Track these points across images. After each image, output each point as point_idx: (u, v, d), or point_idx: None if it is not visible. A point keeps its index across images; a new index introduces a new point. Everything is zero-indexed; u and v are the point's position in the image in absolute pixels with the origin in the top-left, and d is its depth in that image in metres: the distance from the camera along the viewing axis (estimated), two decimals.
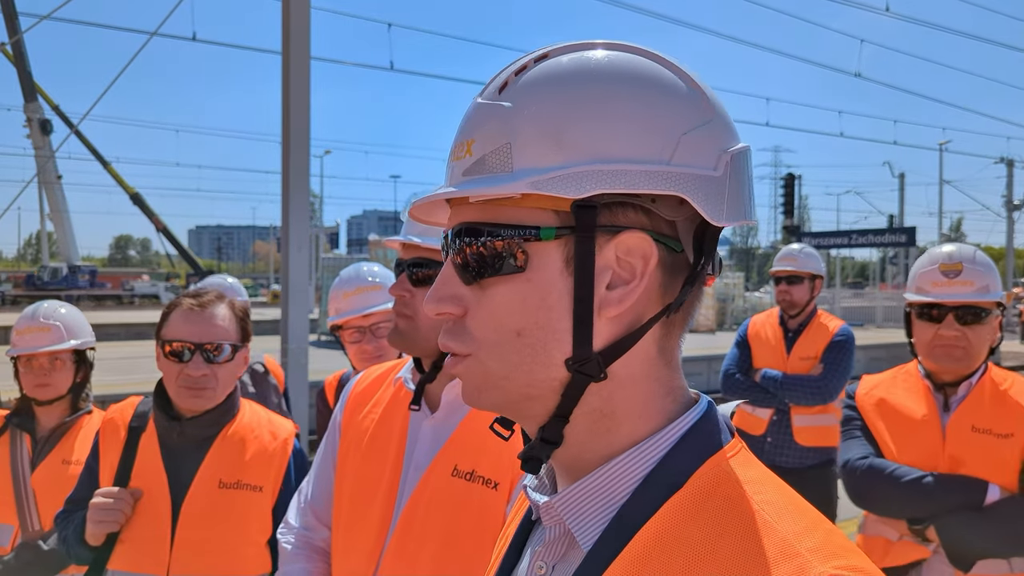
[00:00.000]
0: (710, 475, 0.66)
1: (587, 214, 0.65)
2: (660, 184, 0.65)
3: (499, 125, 0.68)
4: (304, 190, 5.76)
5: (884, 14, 21.19)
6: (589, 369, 0.67)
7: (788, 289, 4.15)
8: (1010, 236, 37.50)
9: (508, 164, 0.67)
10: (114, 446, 1.99)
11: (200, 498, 1.91)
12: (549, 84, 0.68)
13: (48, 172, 36.85)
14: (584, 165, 0.65)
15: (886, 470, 2.09)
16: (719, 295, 24.35)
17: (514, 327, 0.68)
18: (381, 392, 1.58)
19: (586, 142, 0.65)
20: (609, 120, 0.66)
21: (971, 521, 1.95)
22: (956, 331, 2.11)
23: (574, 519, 0.69)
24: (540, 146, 0.66)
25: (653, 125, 0.67)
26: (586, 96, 0.67)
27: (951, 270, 2.16)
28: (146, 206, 41.18)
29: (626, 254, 0.67)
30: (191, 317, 1.92)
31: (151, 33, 7.74)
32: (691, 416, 0.70)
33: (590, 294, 0.67)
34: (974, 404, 2.12)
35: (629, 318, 0.68)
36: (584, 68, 0.68)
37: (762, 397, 4.05)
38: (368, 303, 2.72)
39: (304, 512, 1.63)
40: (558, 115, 0.66)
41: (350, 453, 1.53)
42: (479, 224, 0.69)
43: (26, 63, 35.17)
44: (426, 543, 1.35)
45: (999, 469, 2.01)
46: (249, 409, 2.08)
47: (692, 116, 0.68)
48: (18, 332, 2.57)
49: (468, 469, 1.36)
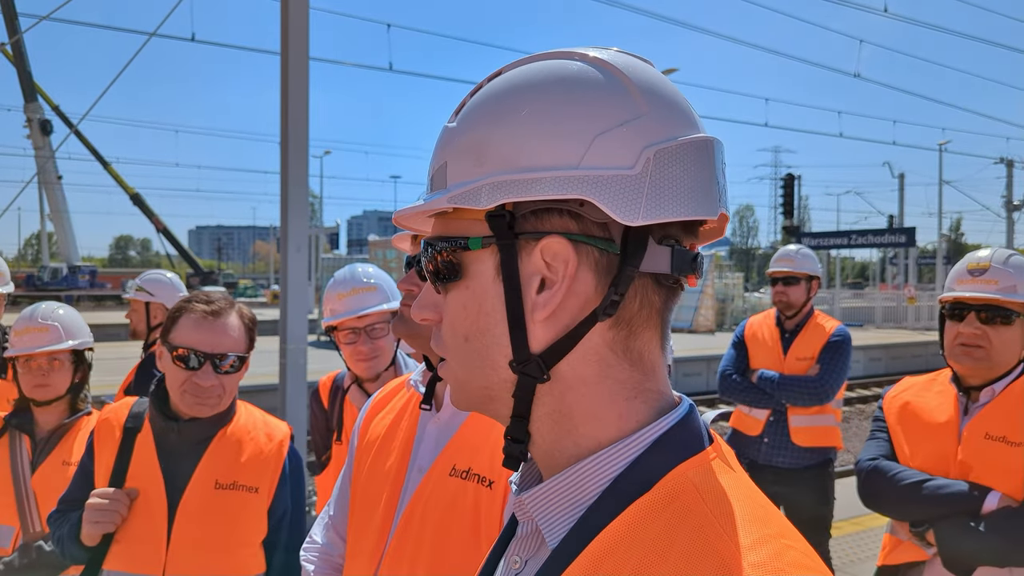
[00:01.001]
0: (674, 482, 0.66)
1: (499, 223, 0.69)
2: (564, 188, 0.66)
3: (443, 146, 0.74)
4: (303, 191, 5.76)
5: (883, 15, 21.20)
6: (531, 370, 0.70)
7: (785, 290, 4.16)
8: (1010, 237, 37.50)
9: (444, 181, 0.73)
10: (109, 446, 2.00)
11: (196, 499, 1.92)
12: (483, 102, 0.73)
13: (48, 172, 36.86)
14: (494, 176, 0.68)
15: (889, 472, 2.10)
16: (719, 295, 24.32)
17: (462, 332, 0.73)
18: (396, 399, 1.60)
19: (499, 154, 0.69)
20: (520, 131, 0.69)
21: (967, 527, 1.95)
22: (976, 329, 2.09)
23: (542, 517, 0.72)
24: (465, 162, 0.71)
25: (562, 130, 0.68)
26: (504, 109, 0.70)
27: (977, 268, 2.15)
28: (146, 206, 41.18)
29: (552, 259, 0.68)
30: (203, 325, 1.91)
31: (150, 34, 7.74)
32: (666, 422, 0.70)
33: (518, 298, 0.69)
34: (994, 411, 2.09)
35: (565, 320, 0.69)
36: (509, 82, 0.72)
37: (759, 398, 4.06)
38: (363, 304, 2.71)
39: (327, 528, 1.65)
40: (481, 131, 0.71)
41: (363, 460, 1.55)
42: (433, 237, 0.75)
43: (26, 63, 35.18)
44: (423, 543, 1.36)
45: (1006, 477, 1.98)
46: (245, 411, 2.09)
47: (611, 116, 0.68)
48: (16, 333, 2.57)
49: (465, 467, 1.37)
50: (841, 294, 31.31)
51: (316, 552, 1.64)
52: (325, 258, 20.54)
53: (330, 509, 1.66)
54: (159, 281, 4.02)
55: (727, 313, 24.60)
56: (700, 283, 22.27)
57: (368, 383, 2.81)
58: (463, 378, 0.74)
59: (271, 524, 2.00)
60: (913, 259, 37.26)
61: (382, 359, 2.76)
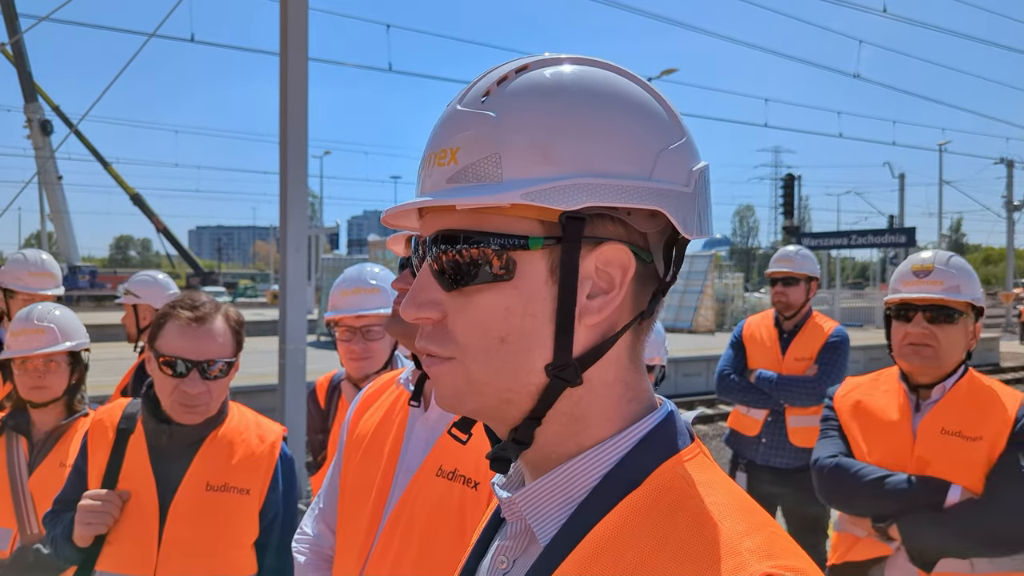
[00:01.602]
0: (665, 476, 0.69)
1: (575, 225, 0.67)
2: (643, 199, 0.68)
3: (486, 134, 0.69)
4: (303, 191, 5.75)
5: (883, 15, 21.19)
6: (567, 375, 0.70)
7: (784, 291, 4.16)
8: (1010, 237, 37.51)
9: (497, 174, 0.68)
10: (102, 448, 2.00)
11: (188, 500, 1.92)
12: (535, 97, 0.69)
13: (48, 172, 36.86)
14: (573, 178, 0.67)
15: (851, 469, 2.14)
16: (719, 296, 24.30)
17: (498, 333, 0.69)
18: (385, 396, 1.60)
19: (574, 156, 0.67)
20: (596, 135, 0.68)
21: (931, 521, 2.00)
22: (924, 329, 2.16)
23: (533, 515, 0.72)
24: (529, 157, 0.68)
25: (635, 142, 0.69)
26: (573, 111, 0.69)
27: (922, 270, 2.21)
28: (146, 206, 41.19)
29: (605, 265, 0.69)
30: (188, 332, 1.89)
31: (150, 34, 7.74)
32: (652, 419, 0.73)
33: (573, 303, 0.69)
34: (946, 407, 2.15)
35: (605, 326, 0.71)
36: (569, 83, 0.70)
37: (757, 398, 4.05)
38: (363, 305, 2.73)
39: (317, 520, 1.66)
40: (546, 128, 0.68)
41: (352, 456, 1.56)
42: (464, 231, 0.69)
43: (26, 63, 35.19)
44: (409, 543, 1.37)
45: (965, 471, 2.04)
46: (237, 412, 2.09)
47: (667, 135, 0.72)
48: (12, 334, 2.57)
49: (451, 468, 1.38)
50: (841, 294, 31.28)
51: (307, 544, 1.65)
52: (325, 258, 20.51)
53: (320, 501, 1.66)
54: (145, 283, 4.01)
55: (727, 313, 24.57)
56: (700, 283, 22.32)
57: (360, 383, 2.82)
58: (482, 379, 0.71)
59: (262, 525, 2.00)
60: None
61: (374, 361, 2.77)
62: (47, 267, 3.72)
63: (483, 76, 0.74)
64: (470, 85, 0.74)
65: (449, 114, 0.73)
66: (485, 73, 0.74)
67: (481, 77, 0.74)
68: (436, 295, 0.72)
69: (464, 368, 0.71)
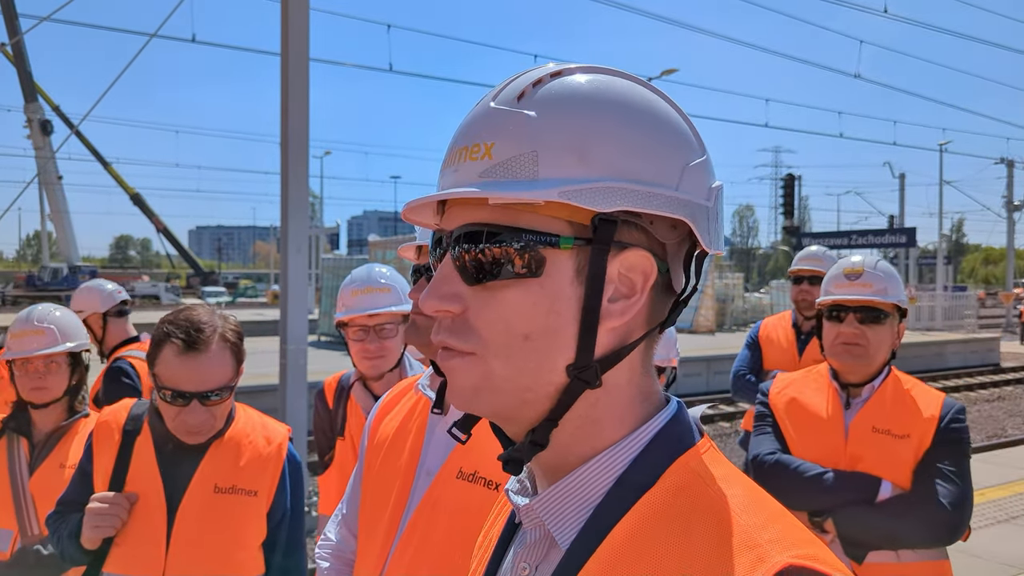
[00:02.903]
0: (679, 474, 0.70)
1: (607, 228, 0.69)
2: (672, 208, 0.70)
3: (524, 132, 0.70)
4: (303, 191, 5.76)
5: (883, 15, 21.19)
6: (588, 376, 0.70)
7: (810, 289, 4.05)
8: (1010, 237, 37.50)
9: (534, 171, 0.68)
10: (108, 449, 1.99)
11: (196, 503, 1.91)
12: (573, 101, 0.71)
13: (48, 173, 36.91)
14: (607, 181, 0.68)
15: (791, 465, 2.22)
16: (719, 296, 24.31)
17: (522, 330, 0.70)
18: (403, 402, 1.61)
19: (609, 160, 0.69)
20: (630, 143, 0.70)
21: (864, 515, 2.10)
22: (856, 329, 2.26)
23: (552, 520, 0.73)
24: (566, 158, 0.68)
25: (666, 153, 0.71)
26: (609, 118, 0.70)
27: (853, 273, 2.34)
28: (146, 206, 41.25)
29: (628, 270, 0.70)
30: (186, 362, 1.83)
31: (151, 34, 7.75)
32: (661, 418, 0.74)
33: (598, 304, 0.69)
34: (875, 406, 2.26)
35: (623, 331, 0.72)
36: (605, 91, 0.72)
37: None
38: (375, 303, 2.73)
39: (340, 526, 1.67)
40: (584, 131, 0.69)
41: (372, 461, 1.56)
42: (494, 226, 0.70)
43: (26, 64, 35.26)
44: (429, 546, 1.36)
45: (895, 468, 2.15)
46: (243, 414, 2.08)
47: (691, 151, 0.74)
48: (13, 335, 2.56)
49: (471, 471, 1.38)
50: None
51: (329, 549, 1.67)
52: (325, 258, 20.51)
53: (343, 507, 1.68)
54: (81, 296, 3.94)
55: (727, 313, 24.58)
56: (700, 284, 22.25)
57: (372, 382, 2.83)
58: (504, 376, 0.70)
59: (270, 526, 1.99)
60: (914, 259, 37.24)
61: (388, 359, 2.77)
62: None
63: (516, 78, 0.75)
64: (503, 85, 0.75)
65: (482, 111, 0.73)
66: (517, 75, 0.75)
67: (514, 79, 0.75)
68: (459, 288, 0.72)
69: (484, 364, 0.71)
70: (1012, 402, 14.43)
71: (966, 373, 17.82)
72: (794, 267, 4.22)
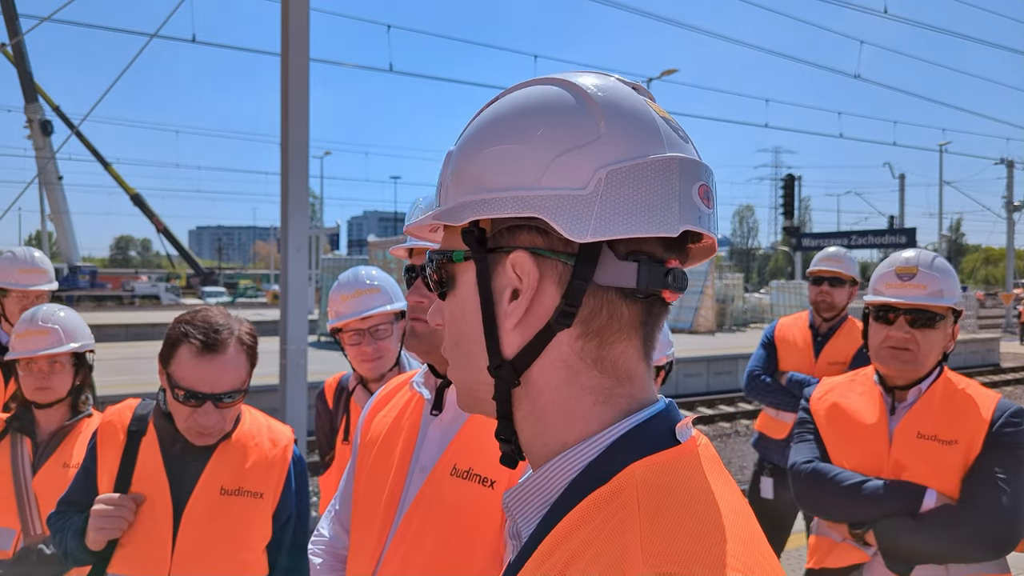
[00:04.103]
0: (622, 479, 0.70)
1: (470, 238, 0.76)
2: (519, 207, 0.72)
3: (444, 169, 0.82)
4: (303, 192, 5.76)
5: (883, 16, 21.20)
6: (505, 375, 0.76)
7: (830, 291, 4.03)
8: (1010, 237, 37.49)
9: (443, 200, 0.80)
10: (113, 450, 1.99)
11: (202, 505, 1.92)
12: (471, 129, 0.80)
13: (49, 173, 36.87)
14: (467, 196, 0.76)
15: (829, 474, 2.10)
16: (719, 296, 24.26)
17: (454, 338, 0.81)
18: (397, 398, 1.61)
19: (472, 177, 0.76)
20: (490, 155, 0.75)
21: (907, 526, 1.96)
22: (906, 333, 2.10)
23: (520, 512, 0.78)
24: (452, 184, 0.79)
25: (523, 154, 0.73)
26: (479, 136, 0.78)
27: (906, 273, 2.15)
28: (147, 207, 41.22)
29: (519, 271, 0.74)
30: (203, 364, 1.83)
31: (151, 35, 7.76)
32: (627, 423, 0.73)
33: (491, 307, 0.76)
34: (922, 410, 2.11)
35: (532, 329, 0.74)
36: (493, 110, 0.79)
37: (787, 400, 3.90)
38: (367, 306, 2.73)
39: (333, 522, 1.67)
40: (464, 156, 0.78)
41: (365, 458, 1.56)
42: (432, 250, 0.83)
43: (27, 64, 35.23)
44: (423, 543, 1.36)
45: (942, 476, 2.01)
46: (249, 416, 2.08)
47: (569, 139, 0.72)
48: (17, 336, 2.57)
49: (466, 468, 1.38)
50: None
51: (322, 545, 1.67)
52: (325, 259, 20.49)
53: (336, 503, 1.68)
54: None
55: (727, 314, 24.54)
56: (700, 284, 22.28)
57: (373, 383, 2.82)
58: (458, 378, 0.82)
59: (275, 528, 1.99)
60: None
61: (386, 359, 2.77)
62: (37, 263, 3.71)
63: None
64: None
65: None
66: None
67: None
68: (439, 303, 0.85)
69: (450, 369, 0.83)
70: None
71: (966, 374, 17.83)
72: (813, 267, 4.14)
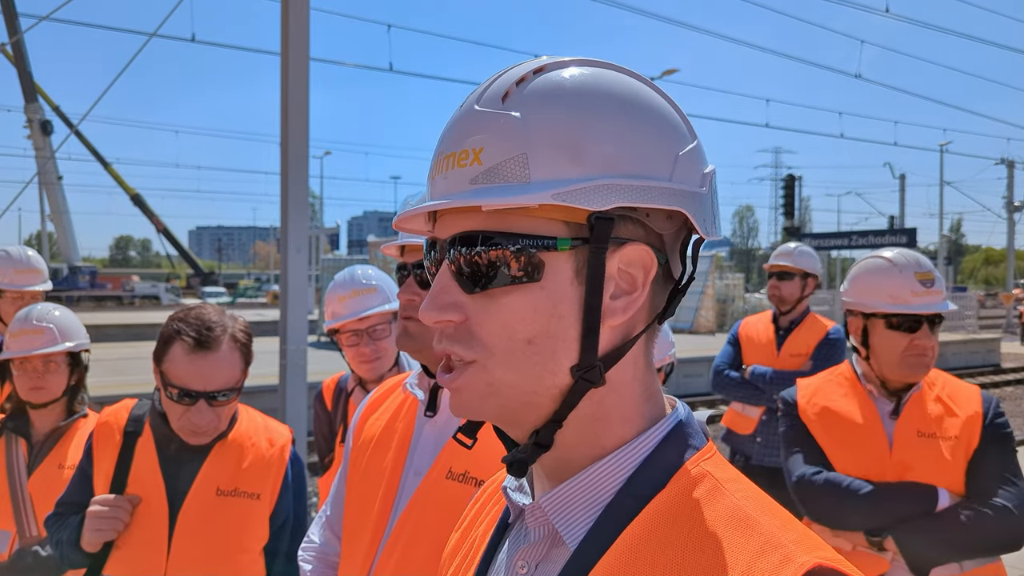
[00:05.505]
0: (691, 475, 0.70)
1: (603, 226, 0.67)
2: (668, 200, 0.68)
3: (511, 135, 0.68)
4: (303, 192, 5.74)
5: (884, 15, 21.19)
6: (592, 376, 0.70)
7: (779, 284, 4.19)
8: (1010, 237, 37.52)
9: (525, 174, 0.67)
10: (109, 451, 1.97)
11: (198, 506, 1.90)
12: (559, 98, 0.69)
13: (48, 173, 36.89)
14: (601, 179, 0.66)
15: (843, 484, 2.07)
16: (719, 296, 24.28)
17: (525, 335, 0.69)
18: (390, 400, 1.58)
19: (601, 157, 0.67)
20: (621, 137, 0.68)
21: (926, 528, 1.97)
22: (933, 341, 2.11)
23: (561, 519, 0.72)
24: (557, 158, 0.67)
25: (657, 144, 0.70)
26: (598, 112, 0.68)
27: (927, 280, 2.13)
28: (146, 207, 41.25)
29: (628, 266, 0.70)
30: (195, 361, 1.81)
31: (151, 34, 7.73)
32: (671, 420, 0.74)
33: (599, 303, 0.69)
34: (916, 409, 2.13)
35: (626, 327, 0.72)
36: (591, 85, 0.70)
37: (752, 394, 4.05)
38: (364, 306, 2.69)
39: (324, 527, 1.64)
40: (573, 129, 0.67)
41: (358, 462, 1.54)
42: (488, 232, 0.68)
43: (26, 64, 35.25)
44: (418, 546, 1.34)
45: (946, 473, 2.03)
46: (246, 416, 2.06)
47: (682, 139, 0.72)
48: (12, 335, 2.55)
49: (462, 471, 1.36)
50: None
51: (313, 552, 1.64)
52: (325, 259, 20.49)
53: (327, 508, 1.65)
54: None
55: (727, 314, 24.54)
56: (701, 284, 22.29)
57: (372, 385, 2.80)
58: (509, 382, 0.70)
59: (272, 530, 1.97)
60: None
61: (385, 360, 2.74)
62: (33, 263, 3.69)
63: (498, 77, 0.72)
64: (485, 86, 0.72)
65: (467, 114, 0.71)
66: (499, 74, 0.73)
67: (496, 78, 0.72)
68: (458, 297, 0.71)
69: (488, 372, 0.70)
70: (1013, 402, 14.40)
71: (967, 374, 17.79)
72: (768, 263, 4.34)
